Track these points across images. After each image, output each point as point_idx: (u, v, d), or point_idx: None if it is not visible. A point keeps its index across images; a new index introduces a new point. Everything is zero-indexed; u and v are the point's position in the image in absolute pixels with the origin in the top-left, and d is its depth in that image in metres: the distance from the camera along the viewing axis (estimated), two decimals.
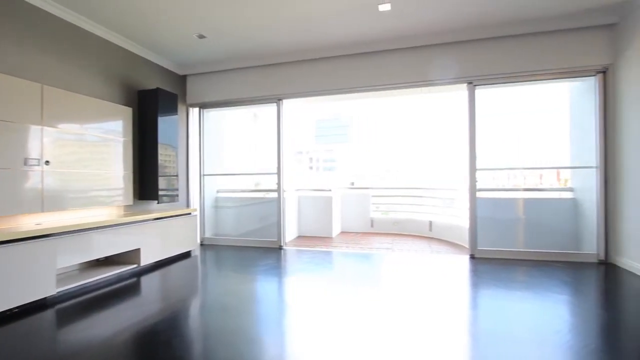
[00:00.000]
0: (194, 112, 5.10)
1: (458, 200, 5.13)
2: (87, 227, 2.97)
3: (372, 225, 6.07)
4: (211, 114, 5.27)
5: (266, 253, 4.34)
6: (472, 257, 3.97)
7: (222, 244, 4.93)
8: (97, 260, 3.40)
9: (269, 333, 2.15)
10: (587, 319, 2.30)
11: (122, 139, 3.76)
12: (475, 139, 3.97)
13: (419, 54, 4.08)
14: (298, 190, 5.97)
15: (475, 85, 3.98)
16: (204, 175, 5.12)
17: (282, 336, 2.11)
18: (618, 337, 2.09)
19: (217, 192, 5.33)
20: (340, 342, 1.93)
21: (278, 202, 4.70)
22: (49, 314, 2.44)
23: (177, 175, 4.47)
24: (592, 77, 3.70)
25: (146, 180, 4.10)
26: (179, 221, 4.13)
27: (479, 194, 4.01)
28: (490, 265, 3.63)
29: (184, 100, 4.98)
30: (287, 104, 4.82)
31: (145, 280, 3.27)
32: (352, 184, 8.88)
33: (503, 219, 4.14)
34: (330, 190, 5.92)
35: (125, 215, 3.61)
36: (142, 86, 4.24)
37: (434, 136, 6.51)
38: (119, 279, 3.22)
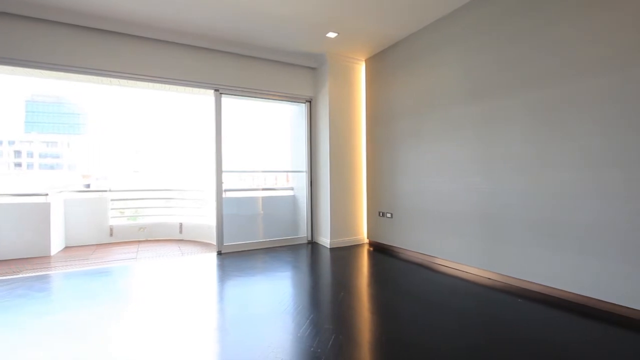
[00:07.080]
0: None
1: (207, 200, 5.35)
2: None
3: (111, 234, 5.20)
4: None
5: None
6: (220, 253, 4.27)
7: None
8: None
9: None
10: (299, 287, 3.09)
11: None
12: (222, 143, 4.30)
13: (168, 50, 3.92)
14: None
15: (221, 93, 4.30)
16: None
17: None
18: (317, 295, 2.90)
19: None
20: None
21: None
22: None
23: None
24: (304, 104, 4.94)
25: None
26: None
27: (225, 194, 4.37)
28: (235, 258, 4.05)
29: None
30: None
31: None
32: (88, 185, 7.29)
33: (246, 215, 4.72)
34: (47, 194, 4.55)
35: None
36: None
37: (185, 137, 6.45)
38: None
